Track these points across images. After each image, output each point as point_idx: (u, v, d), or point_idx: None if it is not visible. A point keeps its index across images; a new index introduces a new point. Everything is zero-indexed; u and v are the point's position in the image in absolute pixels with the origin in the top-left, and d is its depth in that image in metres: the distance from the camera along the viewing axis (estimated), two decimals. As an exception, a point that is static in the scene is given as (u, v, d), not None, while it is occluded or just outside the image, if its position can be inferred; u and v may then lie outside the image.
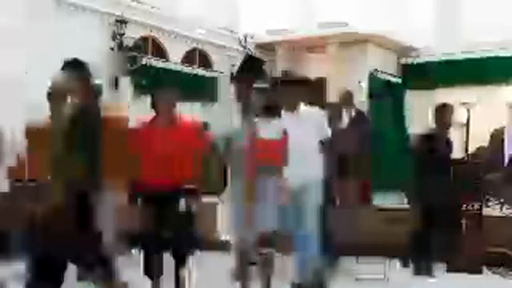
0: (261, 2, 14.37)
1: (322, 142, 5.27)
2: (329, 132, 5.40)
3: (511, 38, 13.13)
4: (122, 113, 4.99)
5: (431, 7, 14.39)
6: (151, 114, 5.15)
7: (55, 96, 5.02)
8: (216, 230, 5.25)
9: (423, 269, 6.25)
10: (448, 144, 6.52)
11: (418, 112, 12.73)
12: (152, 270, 4.95)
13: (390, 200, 8.64)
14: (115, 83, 11.71)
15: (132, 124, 5.34)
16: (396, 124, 13.07)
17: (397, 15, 13.73)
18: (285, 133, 4.91)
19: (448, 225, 6.23)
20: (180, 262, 4.96)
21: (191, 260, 5.01)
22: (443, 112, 6.52)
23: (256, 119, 4.91)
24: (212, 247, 6.18)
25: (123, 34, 11.97)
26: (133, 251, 6.02)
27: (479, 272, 6.34)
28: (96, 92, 5.18)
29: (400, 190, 7.76)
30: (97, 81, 5.10)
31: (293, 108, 5.24)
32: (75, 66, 4.70)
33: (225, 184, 5.03)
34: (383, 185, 8.80)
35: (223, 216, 5.05)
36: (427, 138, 6.40)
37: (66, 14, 10.96)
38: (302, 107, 5.32)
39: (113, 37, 11.89)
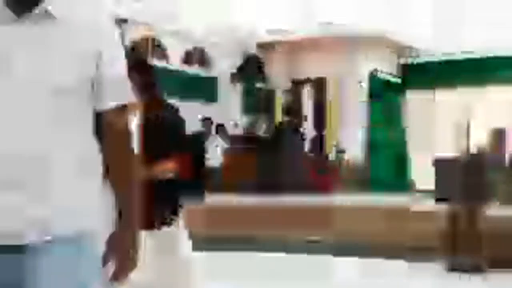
0: (261, 2, 14.36)
1: None
2: None
3: (511, 37, 13.13)
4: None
5: (431, 7, 14.39)
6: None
7: None
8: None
9: None
10: None
11: (418, 112, 12.74)
12: None
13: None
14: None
15: None
16: (395, 124, 13.07)
17: (397, 15, 13.72)
18: None
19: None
20: None
21: None
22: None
23: None
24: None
25: (123, 34, 11.96)
26: None
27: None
28: None
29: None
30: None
31: None
32: None
33: None
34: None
35: None
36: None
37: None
38: None
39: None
